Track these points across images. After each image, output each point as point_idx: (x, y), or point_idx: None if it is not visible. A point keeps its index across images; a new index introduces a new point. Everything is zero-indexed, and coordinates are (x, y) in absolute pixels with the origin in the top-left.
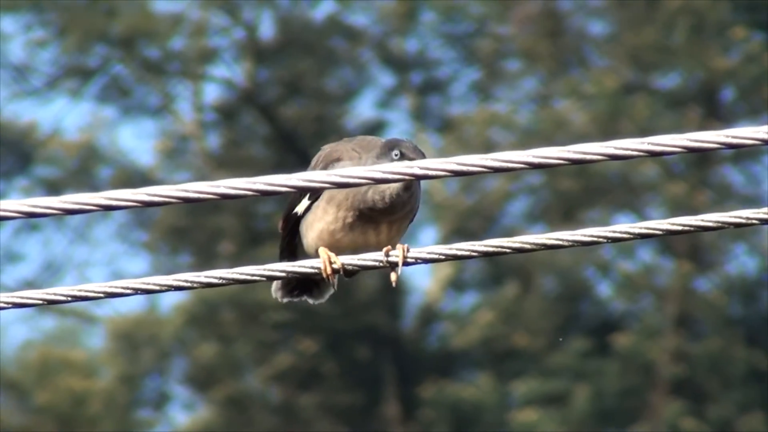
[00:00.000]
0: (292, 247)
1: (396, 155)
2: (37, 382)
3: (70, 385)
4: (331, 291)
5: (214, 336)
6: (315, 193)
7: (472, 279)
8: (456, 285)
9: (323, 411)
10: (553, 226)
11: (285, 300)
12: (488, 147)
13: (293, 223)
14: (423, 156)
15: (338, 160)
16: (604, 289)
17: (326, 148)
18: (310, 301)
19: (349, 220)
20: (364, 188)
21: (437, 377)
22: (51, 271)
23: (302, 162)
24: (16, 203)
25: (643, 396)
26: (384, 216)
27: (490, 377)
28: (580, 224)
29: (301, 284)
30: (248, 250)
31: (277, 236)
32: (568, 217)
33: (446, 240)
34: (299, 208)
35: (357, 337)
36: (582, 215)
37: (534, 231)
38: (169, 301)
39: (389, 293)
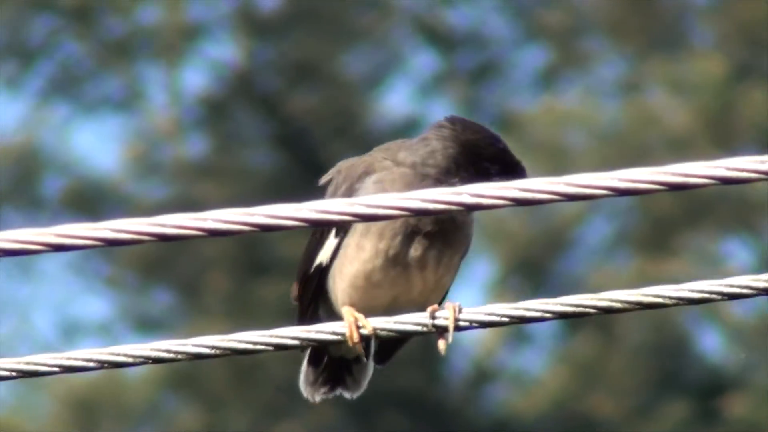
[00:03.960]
0: (316, 319)
1: (492, 172)
2: None
3: None
4: (368, 377)
5: (199, 401)
6: (343, 227)
7: (538, 327)
8: (518, 335)
9: None
10: (643, 256)
11: (318, 399)
12: (557, 152)
13: (316, 283)
14: (523, 171)
15: (367, 174)
16: (710, 340)
17: (344, 163)
18: (347, 395)
19: (393, 250)
20: None
21: None
22: None
23: (313, 171)
24: None
25: None
26: (440, 236)
27: None
28: (679, 253)
29: (332, 375)
30: (246, 285)
31: (288, 268)
32: (661, 246)
33: (503, 275)
34: (323, 256)
35: (387, 403)
36: (681, 242)
37: (618, 263)
38: None
39: (429, 347)
